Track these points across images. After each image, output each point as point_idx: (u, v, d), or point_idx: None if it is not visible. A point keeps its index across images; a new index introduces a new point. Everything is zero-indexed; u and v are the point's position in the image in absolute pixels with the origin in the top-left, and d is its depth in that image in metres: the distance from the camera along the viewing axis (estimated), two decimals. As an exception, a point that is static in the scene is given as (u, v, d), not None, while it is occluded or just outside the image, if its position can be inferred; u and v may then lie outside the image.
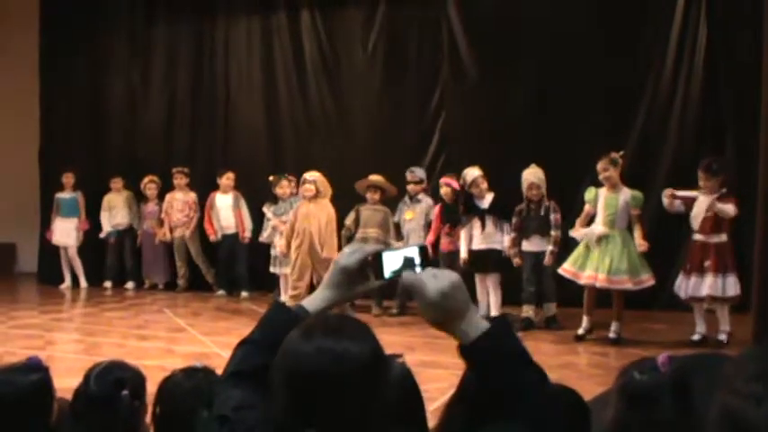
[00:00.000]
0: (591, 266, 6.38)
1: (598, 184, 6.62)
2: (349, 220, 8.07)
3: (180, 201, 9.68)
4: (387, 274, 1.51)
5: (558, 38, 8.15)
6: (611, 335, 6.49)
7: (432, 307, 1.36)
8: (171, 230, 9.74)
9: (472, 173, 7.37)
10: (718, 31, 7.75)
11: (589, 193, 6.64)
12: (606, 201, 6.49)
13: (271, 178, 8.77)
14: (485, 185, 7.34)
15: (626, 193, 6.49)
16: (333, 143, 9.32)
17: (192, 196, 9.71)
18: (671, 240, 7.60)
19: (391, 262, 1.51)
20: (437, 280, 1.37)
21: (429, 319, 1.38)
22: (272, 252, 8.65)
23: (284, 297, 8.35)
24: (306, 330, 1.33)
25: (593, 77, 7.95)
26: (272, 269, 8.72)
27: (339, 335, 1.31)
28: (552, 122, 8.17)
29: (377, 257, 1.52)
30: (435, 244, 7.73)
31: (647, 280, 6.41)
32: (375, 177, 8.13)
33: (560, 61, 8.12)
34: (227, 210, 9.39)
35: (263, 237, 8.88)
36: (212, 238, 9.46)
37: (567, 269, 6.59)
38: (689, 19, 7.91)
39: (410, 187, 8.10)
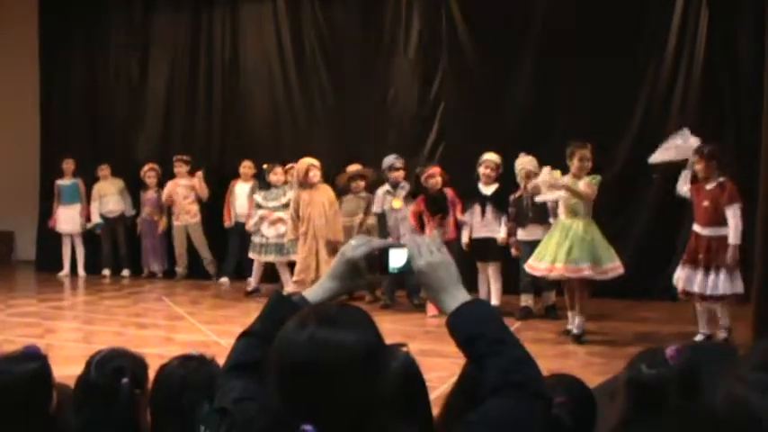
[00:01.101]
0: (548, 257, 6.11)
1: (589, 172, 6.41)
2: None
3: (183, 187, 9.67)
4: (391, 269, 1.55)
5: (558, 28, 8.12)
6: (575, 330, 6.16)
7: (420, 274, 1.46)
8: (176, 217, 9.73)
9: (490, 155, 7.34)
10: (719, 22, 7.71)
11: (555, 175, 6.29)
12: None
13: (265, 166, 8.77)
14: (494, 173, 7.29)
15: (584, 179, 6.20)
16: (332, 131, 9.30)
17: (196, 181, 9.66)
18: (670, 230, 7.60)
19: (397, 258, 1.54)
20: (421, 257, 1.46)
21: (420, 284, 1.49)
22: (255, 239, 8.67)
23: (254, 283, 8.62)
24: (300, 320, 1.31)
25: (594, 68, 7.91)
26: (251, 254, 8.75)
27: (334, 325, 1.28)
28: (551, 112, 8.16)
29: (384, 252, 1.55)
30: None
31: (614, 269, 6.04)
32: (355, 167, 8.21)
33: (560, 52, 8.09)
34: (243, 197, 9.40)
35: (250, 225, 8.89)
36: (227, 224, 9.50)
37: (532, 266, 6.33)
38: (689, 9, 7.87)
39: (395, 174, 7.84)
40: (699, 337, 5.96)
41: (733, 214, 5.69)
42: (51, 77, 10.86)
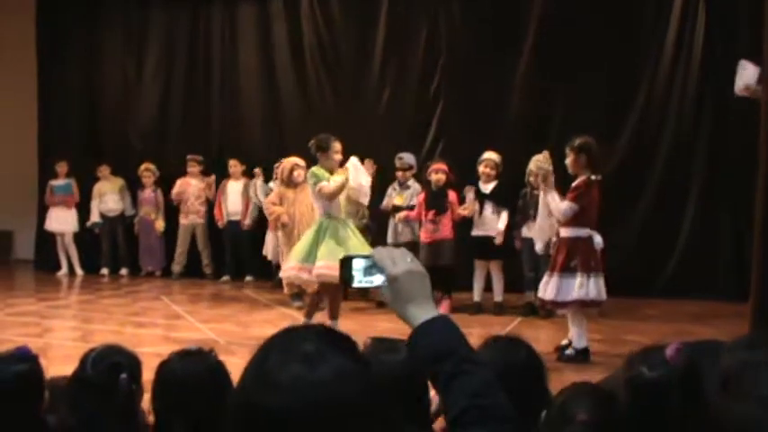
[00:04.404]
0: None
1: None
2: None
3: (196, 187, 9.66)
4: (357, 281, 1.38)
5: (557, 26, 8.12)
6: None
7: (395, 281, 1.34)
8: (184, 216, 9.70)
9: (490, 154, 7.33)
10: (718, 13, 7.70)
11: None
12: None
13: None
14: (494, 171, 7.27)
15: None
16: (331, 130, 9.23)
17: (206, 185, 9.65)
18: (670, 227, 7.59)
19: (361, 269, 1.38)
20: (396, 266, 1.35)
21: (390, 293, 1.35)
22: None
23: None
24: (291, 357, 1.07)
25: (592, 65, 7.91)
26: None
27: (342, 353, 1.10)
28: (550, 110, 8.16)
29: (346, 262, 1.38)
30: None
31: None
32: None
33: (559, 49, 8.09)
34: (235, 195, 9.41)
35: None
36: (220, 223, 9.53)
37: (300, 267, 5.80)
38: (688, 2, 7.87)
39: (399, 173, 7.88)
40: (564, 341, 5.54)
41: (568, 207, 5.21)
42: (49, 77, 10.83)
